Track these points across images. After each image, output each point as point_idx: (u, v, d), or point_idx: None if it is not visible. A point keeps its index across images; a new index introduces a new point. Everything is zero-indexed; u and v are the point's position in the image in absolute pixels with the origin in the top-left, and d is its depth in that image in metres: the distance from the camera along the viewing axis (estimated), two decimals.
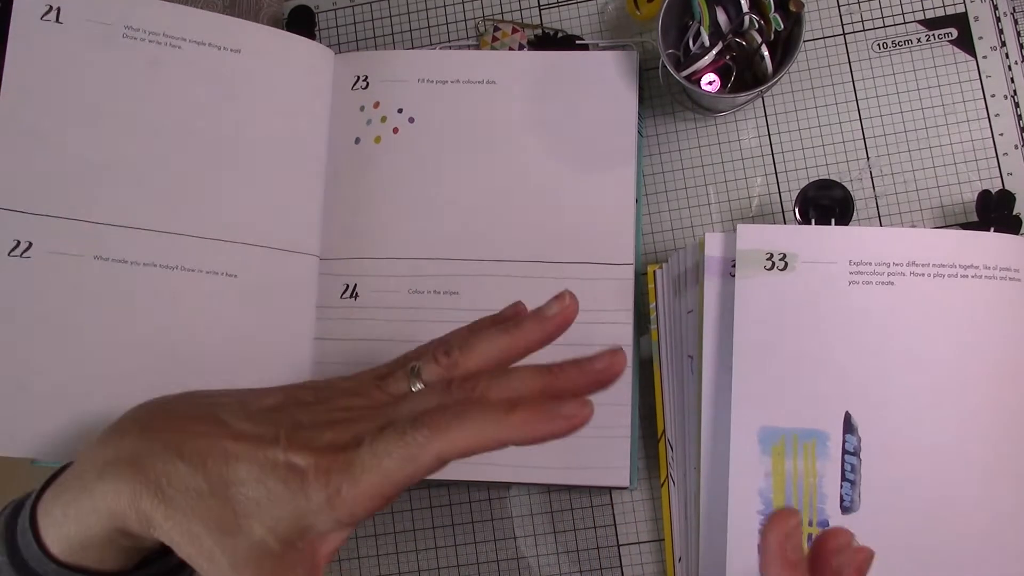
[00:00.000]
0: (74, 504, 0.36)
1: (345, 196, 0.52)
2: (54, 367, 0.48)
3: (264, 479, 0.33)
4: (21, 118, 0.48)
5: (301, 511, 0.33)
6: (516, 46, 0.54)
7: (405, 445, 0.32)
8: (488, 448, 0.33)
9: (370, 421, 0.34)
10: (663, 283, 0.49)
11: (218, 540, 0.33)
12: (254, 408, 0.36)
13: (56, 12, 0.49)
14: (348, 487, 0.32)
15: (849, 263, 0.44)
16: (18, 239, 0.47)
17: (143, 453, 0.34)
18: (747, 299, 0.44)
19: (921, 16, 0.52)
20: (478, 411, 0.33)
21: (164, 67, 0.50)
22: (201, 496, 0.33)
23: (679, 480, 0.47)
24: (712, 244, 0.46)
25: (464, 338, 0.37)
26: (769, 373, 0.44)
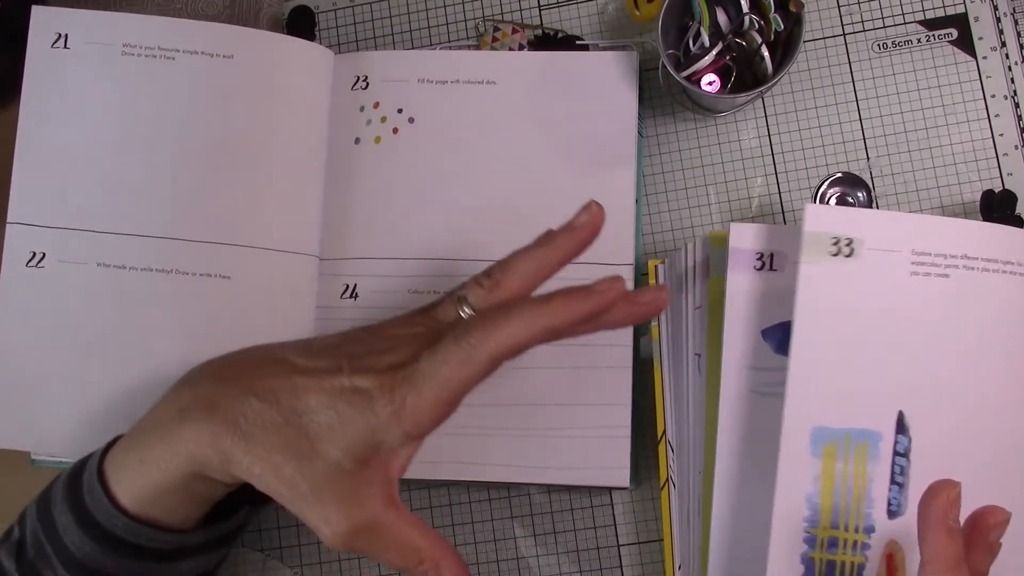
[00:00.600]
0: (151, 451, 0.38)
1: (345, 196, 0.52)
2: (65, 369, 0.50)
3: (333, 404, 0.35)
4: (37, 140, 0.51)
5: (371, 428, 0.35)
6: (516, 46, 0.54)
7: (460, 350, 0.35)
8: (535, 338, 0.35)
9: (423, 340, 0.37)
10: (665, 279, 0.48)
11: (297, 466, 0.35)
12: (316, 347, 0.39)
13: (64, 39, 0.51)
14: (412, 398, 0.35)
15: (912, 252, 0.41)
16: (34, 251, 0.50)
17: (219, 396, 0.37)
18: (812, 288, 0.40)
19: (921, 16, 0.52)
20: (521, 305, 0.35)
21: (160, 78, 0.51)
22: (277, 428, 0.36)
23: (680, 484, 0.47)
24: (741, 235, 0.43)
25: (503, 260, 0.40)
26: (827, 370, 0.41)
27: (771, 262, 0.43)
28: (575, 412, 0.49)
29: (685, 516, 0.46)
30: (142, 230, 0.50)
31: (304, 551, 0.52)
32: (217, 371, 0.39)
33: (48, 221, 0.50)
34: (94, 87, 0.51)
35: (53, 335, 0.50)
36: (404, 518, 0.37)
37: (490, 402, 0.49)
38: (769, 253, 0.43)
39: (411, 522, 0.37)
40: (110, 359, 0.50)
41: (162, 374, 0.50)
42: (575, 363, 0.49)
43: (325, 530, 0.35)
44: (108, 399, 0.50)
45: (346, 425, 0.35)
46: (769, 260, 0.43)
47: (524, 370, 0.50)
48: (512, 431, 0.49)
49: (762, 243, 0.43)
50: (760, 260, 0.43)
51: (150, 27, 0.52)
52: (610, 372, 0.49)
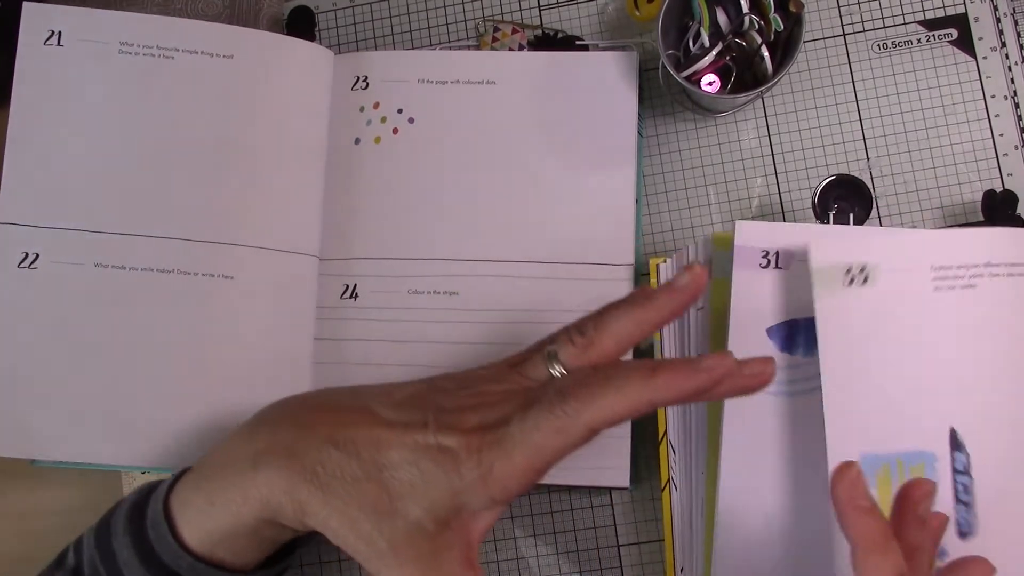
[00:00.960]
0: (222, 493, 0.37)
1: (345, 196, 0.52)
2: (61, 371, 0.49)
3: (416, 461, 0.34)
4: (29, 138, 0.50)
5: (455, 490, 0.33)
6: (516, 46, 0.54)
7: (555, 418, 0.33)
8: (636, 412, 0.33)
9: (513, 402, 0.35)
10: (667, 279, 0.48)
11: (376, 523, 0.34)
12: (399, 397, 0.37)
13: (58, 36, 0.51)
14: (501, 464, 0.33)
15: (932, 268, 0.41)
16: (26, 251, 0.49)
17: (298, 443, 0.36)
18: (831, 323, 0.40)
19: (921, 17, 0.52)
20: (622, 375, 0.33)
21: (159, 78, 0.51)
22: (357, 481, 0.34)
23: (682, 484, 0.47)
24: (747, 233, 0.42)
25: (597, 316, 0.37)
26: (863, 396, 0.40)
27: (777, 260, 0.43)
28: None
29: (687, 517, 0.46)
30: (142, 230, 0.50)
31: (304, 551, 0.52)
32: (296, 414, 0.38)
33: (41, 221, 0.50)
34: (90, 85, 0.51)
35: (48, 337, 0.49)
36: None
37: None
38: (775, 251, 0.43)
39: None
40: (109, 361, 0.49)
41: (163, 376, 0.50)
42: None
43: None
44: (107, 403, 0.49)
45: (429, 484, 0.34)
46: (775, 258, 0.43)
47: None
48: None
49: (768, 241, 0.43)
50: (766, 258, 0.43)
51: (148, 26, 0.51)
52: None
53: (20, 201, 0.50)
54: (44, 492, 0.54)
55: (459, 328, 0.50)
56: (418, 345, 0.51)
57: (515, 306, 0.50)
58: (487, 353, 0.50)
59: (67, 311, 0.49)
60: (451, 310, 0.51)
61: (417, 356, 0.50)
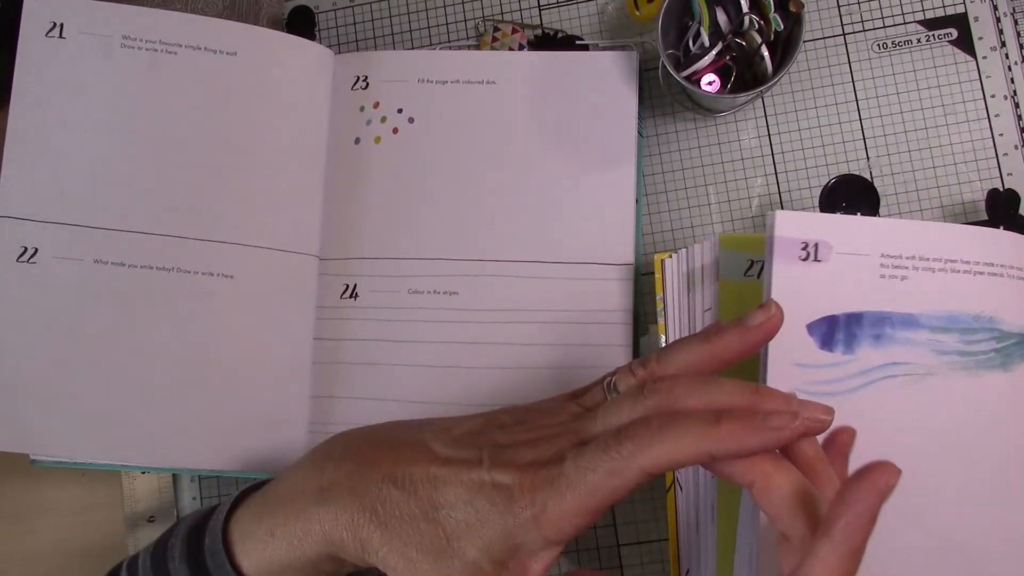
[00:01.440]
0: (284, 526, 0.36)
1: (345, 196, 0.52)
2: (58, 367, 0.49)
3: (472, 500, 0.33)
4: (30, 131, 0.50)
5: (509, 529, 0.33)
6: (516, 46, 0.54)
7: (610, 459, 0.32)
8: (694, 460, 0.32)
9: (570, 436, 0.34)
10: (673, 275, 0.47)
11: (433, 564, 0.33)
12: (457, 433, 0.37)
13: (60, 28, 0.50)
14: (554, 503, 0.32)
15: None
16: (26, 246, 0.49)
17: (359, 480, 0.35)
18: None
19: (921, 16, 0.52)
20: (683, 423, 0.32)
21: (161, 73, 0.51)
22: (415, 520, 0.34)
23: (688, 486, 0.46)
24: (786, 224, 0.41)
25: (663, 350, 0.36)
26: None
27: (816, 252, 0.42)
28: None
29: (693, 519, 0.46)
30: (142, 227, 0.50)
31: None
32: (359, 449, 0.37)
33: (41, 215, 0.49)
34: (92, 78, 0.50)
35: (46, 333, 0.49)
36: None
37: (488, 402, 0.49)
38: (814, 243, 0.42)
39: None
40: (107, 359, 0.49)
41: (161, 374, 0.50)
42: (575, 363, 0.49)
43: None
44: (105, 400, 0.49)
45: (484, 524, 0.33)
46: (814, 250, 0.42)
47: (525, 370, 0.50)
48: None
49: (808, 232, 0.42)
50: (805, 250, 0.42)
51: (152, 20, 0.51)
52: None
53: (20, 194, 0.49)
54: (44, 492, 0.54)
55: (459, 328, 0.50)
56: (418, 345, 0.51)
57: (515, 306, 0.50)
58: (486, 353, 0.50)
59: (66, 307, 0.49)
60: (451, 310, 0.51)
61: (417, 356, 0.50)
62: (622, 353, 0.49)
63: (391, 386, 0.50)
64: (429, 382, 0.50)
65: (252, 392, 0.50)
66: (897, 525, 0.42)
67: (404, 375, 0.50)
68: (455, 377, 0.50)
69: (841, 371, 0.42)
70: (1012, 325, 0.43)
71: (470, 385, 0.50)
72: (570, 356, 0.49)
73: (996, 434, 0.42)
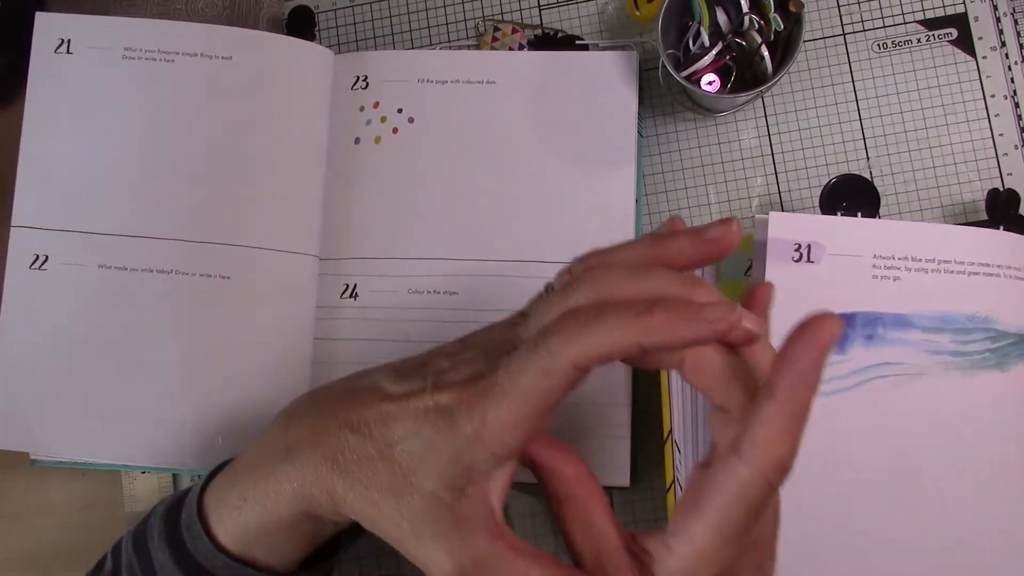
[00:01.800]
0: (255, 490, 0.36)
1: (345, 196, 0.52)
2: (66, 369, 0.50)
3: (420, 429, 0.32)
4: (41, 143, 0.51)
5: (457, 451, 0.32)
6: (516, 46, 0.54)
7: (538, 358, 0.30)
8: (625, 352, 0.29)
9: (506, 346, 0.33)
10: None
11: (395, 503, 0.32)
12: (405, 368, 0.36)
13: (67, 44, 0.52)
14: (492, 415, 0.31)
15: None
16: (38, 253, 0.50)
17: (320, 433, 0.35)
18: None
19: (921, 16, 0.52)
20: (613, 313, 0.29)
21: (159, 81, 0.51)
22: (372, 461, 0.33)
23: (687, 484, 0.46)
24: (780, 225, 0.42)
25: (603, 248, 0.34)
26: None
27: (808, 253, 0.43)
28: (575, 412, 0.49)
29: None
30: (141, 231, 0.51)
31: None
32: (320, 402, 0.37)
33: (50, 223, 0.51)
34: (96, 91, 0.51)
35: (58, 337, 0.50)
36: (514, 549, 0.32)
37: None
38: (807, 244, 0.43)
39: (522, 552, 0.32)
40: (112, 360, 0.50)
41: (163, 375, 0.50)
42: None
43: (434, 571, 0.32)
44: (107, 401, 0.49)
45: (434, 451, 0.32)
46: (807, 251, 0.43)
47: None
48: None
49: (800, 234, 0.43)
50: (798, 252, 0.43)
51: (150, 30, 0.52)
52: (610, 372, 0.49)
53: (32, 204, 0.51)
54: (44, 492, 0.54)
55: (459, 328, 0.50)
56: (418, 345, 0.50)
57: (515, 306, 0.50)
58: None
59: (72, 311, 0.50)
60: (451, 310, 0.51)
61: None
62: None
63: None
64: None
65: (253, 392, 0.50)
66: (893, 522, 0.42)
67: None
68: None
69: (833, 371, 0.42)
70: (1008, 325, 0.43)
71: None
72: None
73: (993, 433, 0.43)
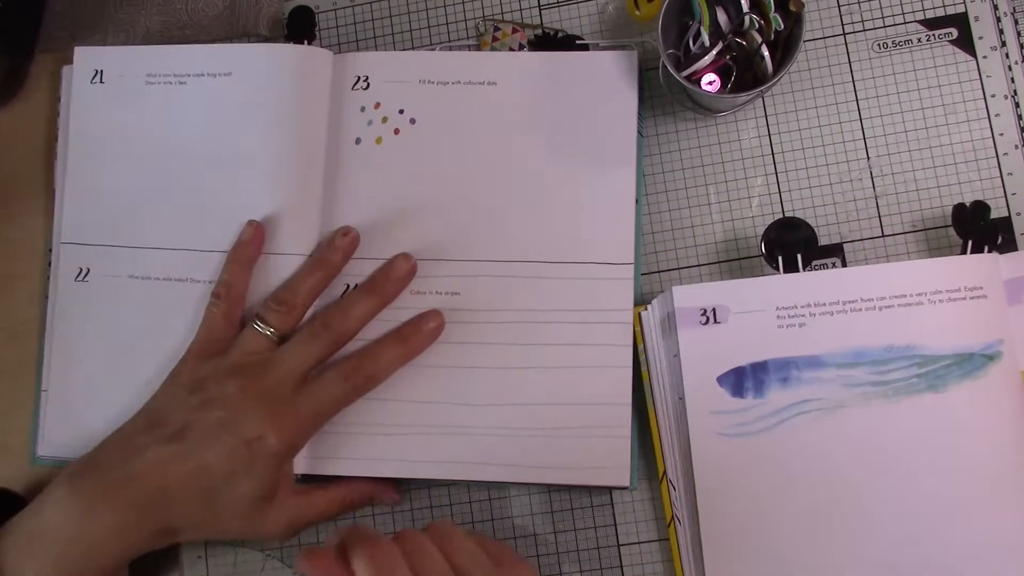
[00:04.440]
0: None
1: (346, 197, 0.53)
2: (108, 374, 0.53)
3: None
4: (82, 167, 0.55)
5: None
6: (516, 46, 0.54)
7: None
8: None
9: None
10: (650, 326, 0.49)
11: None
12: None
13: (100, 75, 0.55)
14: None
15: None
16: (81, 267, 0.54)
17: None
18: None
19: (921, 16, 0.52)
20: None
21: (175, 102, 0.54)
22: None
23: (686, 520, 0.48)
24: (683, 296, 0.48)
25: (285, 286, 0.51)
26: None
27: (714, 316, 0.47)
28: (575, 412, 0.49)
29: (688, 549, 0.48)
30: (162, 243, 0.53)
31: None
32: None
33: (90, 239, 0.54)
34: (125, 115, 0.55)
35: (98, 343, 0.53)
36: (308, 493, 0.48)
37: (491, 402, 0.50)
38: (711, 308, 0.47)
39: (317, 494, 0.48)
40: (141, 363, 0.52)
41: None
42: (575, 363, 0.49)
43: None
44: (136, 403, 0.50)
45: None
46: (712, 314, 0.47)
47: (524, 370, 0.50)
48: (512, 431, 0.49)
49: (703, 300, 0.47)
50: (704, 316, 0.47)
51: (165, 56, 0.55)
52: (610, 372, 0.49)
53: (76, 223, 0.54)
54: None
55: (461, 328, 0.50)
56: None
57: (517, 306, 0.50)
58: (488, 353, 0.50)
59: (110, 319, 0.53)
60: (453, 310, 0.51)
61: (421, 356, 0.50)
62: (624, 353, 0.49)
63: (394, 386, 0.50)
64: (430, 381, 0.50)
65: None
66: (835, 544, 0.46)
67: (407, 375, 0.50)
68: (457, 377, 0.50)
69: (754, 413, 0.47)
70: (938, 348, 0.46)
71: (472, 385, 0.50)
72: (572, 355, 0.49)
73: (935, 453, 0.46)
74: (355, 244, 0.51)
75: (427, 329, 0.49)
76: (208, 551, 0.52)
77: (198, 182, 0.53)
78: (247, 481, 0.45)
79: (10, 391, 0.55)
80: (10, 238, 0.57)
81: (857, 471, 0.46)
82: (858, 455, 0.46)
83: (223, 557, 0.52)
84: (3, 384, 0.55)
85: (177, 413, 0.46)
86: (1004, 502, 0.45)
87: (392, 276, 0.50)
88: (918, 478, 0.45)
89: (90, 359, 0.53)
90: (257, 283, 0.51)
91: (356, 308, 0.49)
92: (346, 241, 0.50)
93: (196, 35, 0.57)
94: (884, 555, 0.45)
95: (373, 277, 0.50)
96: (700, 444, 0.47)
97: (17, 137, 0.58)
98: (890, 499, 0.45)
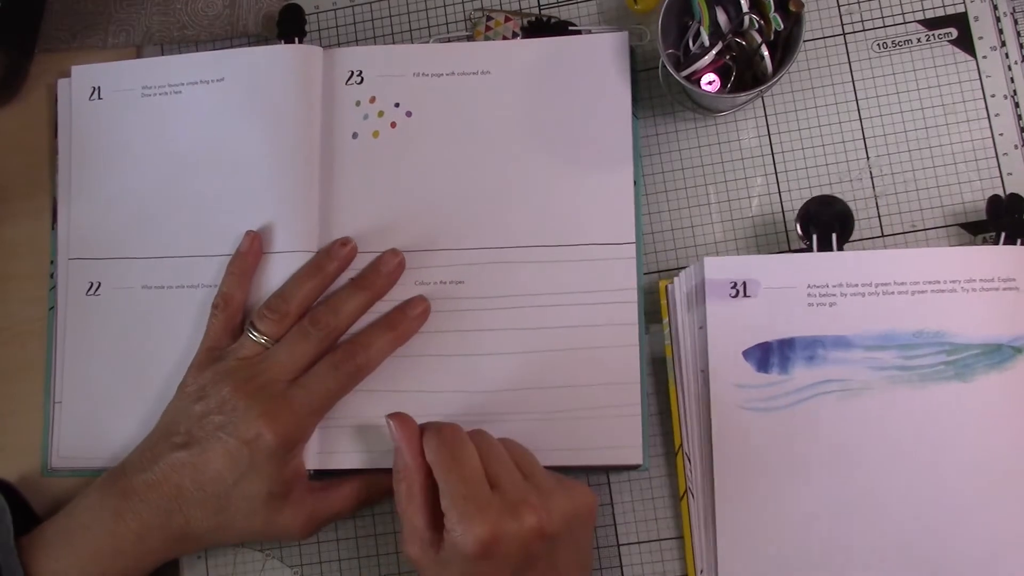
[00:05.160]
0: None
1: (345, 191, 0.53)
2: (123, 384, 0.53)
3: None
4: (83, 183, 0.55)
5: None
6: (510, 34, 0.54)
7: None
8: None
9: None
10: (675, 299, 0.49)
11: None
12: None
13: (97, 91, 0.56)
14: None
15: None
16: (92, 281, 0.54)
17: None
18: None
19: (921, 16, 0.52)
20: None
21: (172, 112, 0.55)
22: None
23: (699, 493, 0.48)
24: (714, 268, 0.47)
25: (280, 293, 0.51)
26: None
27: (744, 289, 0.47)
28: (585, 393, 0.49)
29: (700, 523, 0.48)
30: (170, 251, 0.53)
31: (304, 551, 0.52)
32: None
33: (100, 253, 0.54)
34: (123, 129, 0.55)
35: (112, 355, 0.53)
36: (325, 489, 0.49)
37: (500, 387, 0.50)
38: (742, 281, 0.47)
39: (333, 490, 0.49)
40: (155, 371, 0.52)
41: None
42: (582, 344, 0.49)
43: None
44: (153, 410, 0.51)
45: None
46: (743, 287, 0.47)
47: (532, 354, 0.50)
48: (523, 415, 0.49)
49: (734, 273, 0.47)
50: (734, 288, 0.47)
51: (159, 67, 0.55)
52: (618, 351, 0.49)
53: (84, 238, 0.55)
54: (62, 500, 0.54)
55: (467, 316, 0.51)
56: (427, 335, 0.51)
57: (521, 291, 0.51)
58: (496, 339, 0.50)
59: (123, 330, 0.53)
60: (458, 299, 0.51)
61: (426, 346, 0.51)
62: (630, 332, 0.49)
63: (401, 377, 0.50)
64: (439, 371, 0.50)
65: None
66: (850, 528, 0.46)
67: (414, 365, 0.50)
68: (465, 365, 0.50)
69: (777, 389, 0.47)
70: (967, 337, 0.46)
71: (481, 372, 0.50)
72: (579, 337, 0.50)
73: (957, 443, 0.45)
74: (352, 255, 0.51)
75: (413, 314, 0.50)
76: (208, 551, 0.52)
77: (200, 187, 0.54)
78: (254, 480, 0.46)
79: (11, 391, 0.55)
80: (10, 238, 0.57)
81: (877, 454, 0.46)
82: (879, 438, 0.46)
83: (223, 557, 0.52)
84: (3, 384, 0.55)
85: (184, 422, 0.47)
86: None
87: (381, 271, 0.50)
88: (938, 465, 0.45)
89: (104, 370, 0.53)
90: (258, 281, 0.51)
91: (346, 305, 0.49)
92: (344, 252, 0.50)
93: (196, 35, 0.57)
94: (898, 541, 0.45)
95: (362, 273, 0.51)
96: (721, 416, 0.47)
97: (17, 137, 0.58)
98: (908, 485, 0.45)
